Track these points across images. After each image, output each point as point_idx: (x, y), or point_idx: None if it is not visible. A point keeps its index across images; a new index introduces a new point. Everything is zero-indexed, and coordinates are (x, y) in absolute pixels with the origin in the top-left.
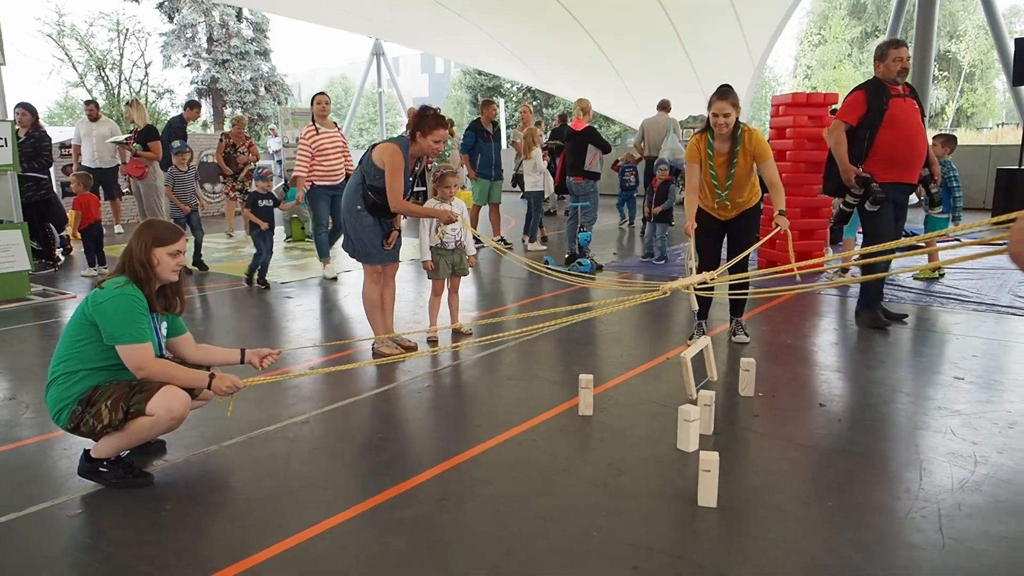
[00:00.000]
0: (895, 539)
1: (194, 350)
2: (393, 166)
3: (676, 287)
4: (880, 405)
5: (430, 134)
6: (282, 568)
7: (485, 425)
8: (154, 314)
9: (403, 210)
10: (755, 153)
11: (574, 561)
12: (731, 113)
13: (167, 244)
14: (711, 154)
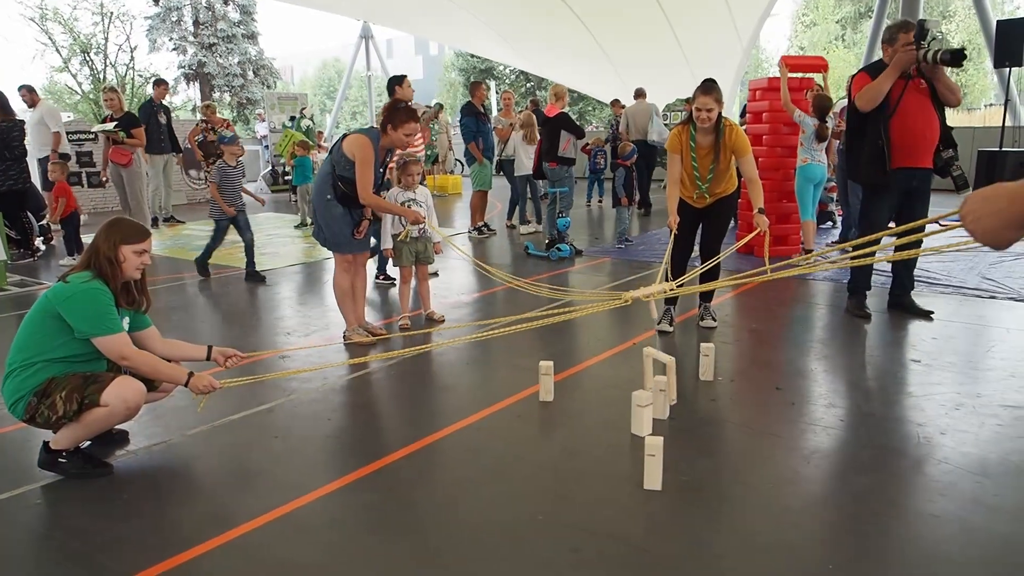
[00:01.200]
0: (826, 517)
1: (161, 344)
2: (363, 159)
3: (638, 296)
4: (834, 388)
5: (401, 127)
6: (232, 555)
7: (446, 412)
8: (118, 308)
9: (372, 204)
10: (735, 148)
11: (516, 544)
12: (714, 108)
13: (134, 243)
14: (693, 146)
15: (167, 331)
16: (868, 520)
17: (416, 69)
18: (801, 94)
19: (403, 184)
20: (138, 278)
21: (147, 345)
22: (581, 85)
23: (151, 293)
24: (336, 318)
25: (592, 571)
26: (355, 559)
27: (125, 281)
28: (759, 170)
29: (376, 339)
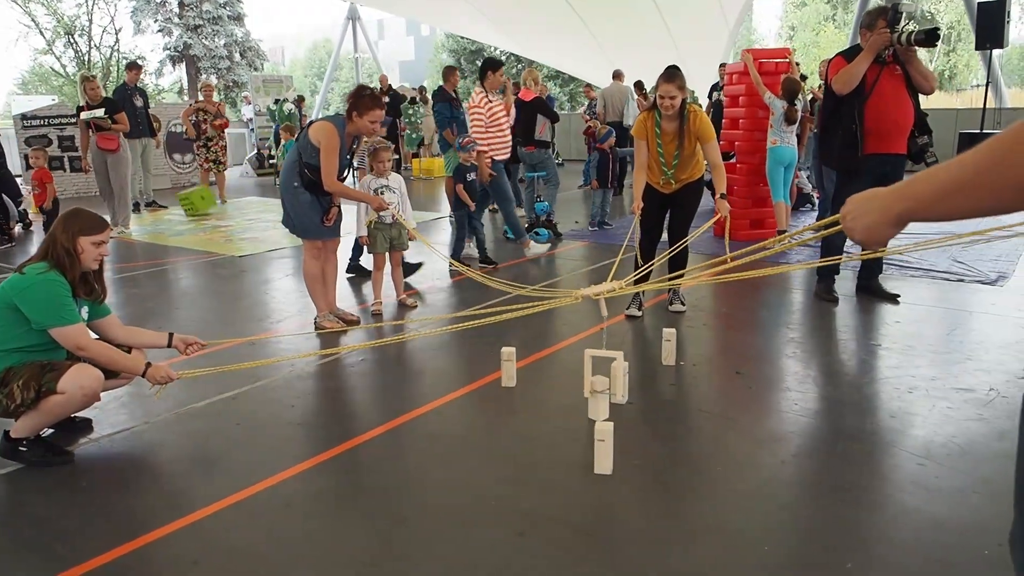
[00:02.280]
0: (768, 500)
1: (121, 331)
2: (328, 146)
3: (587, 294)
4: (793, 372)
5: (366, 114)
6: (184, 541)
7: (410, 398)
8: (76, 299)
9: (336, 191)
10: (699, 134)
11: (463, 529)
12: (676, 95)
13: (92, 234)
14: (659, 132)
15: (141, 317)
16: (809, 503)
17: (407, 50)
18: (778, 78)
19: (375, 171)
20: (96, 269)
21: (107, 333)
22: (570, 67)
23: (131, 279)
24: (311, 303)
25: (534, 555)
26: (303, 543)
27: (83, 272)
28: (739, 153)
29: (347, 325)
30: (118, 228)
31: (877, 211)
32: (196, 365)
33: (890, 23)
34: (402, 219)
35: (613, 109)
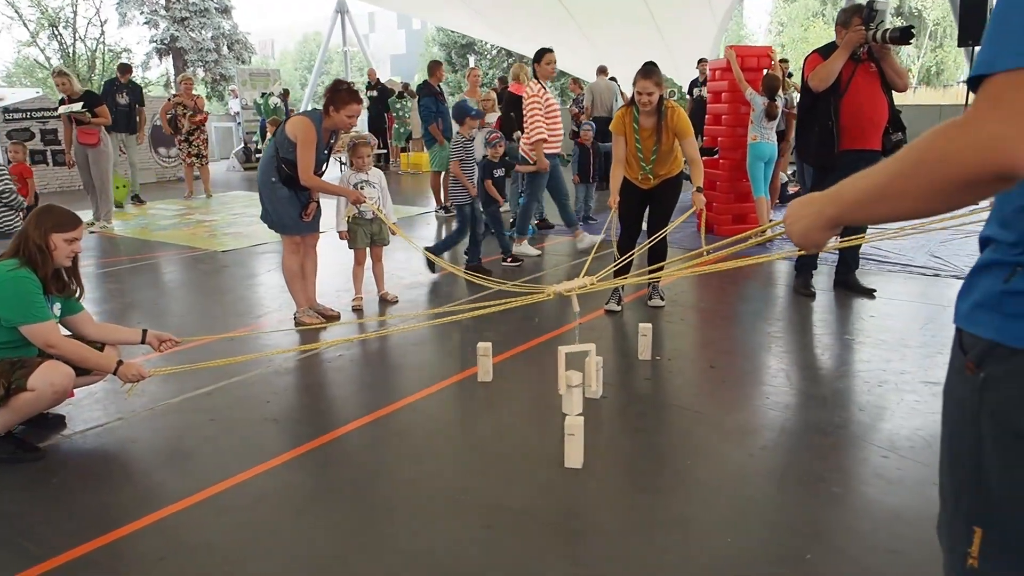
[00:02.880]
0: (732, 493)
1: (94, 328)
2: (305, 140)
3: (560, 291)
4: (765, 366)
5: (343, 108)
6: (152, 537)
7: (386, 393)
8: (48, 295)
9: (313, 185)
10: (676, 130)
11: (431, 522)
12: (654, 92)
13: (65, 230)
14: (636, 128)
15: (121, 313)
16: (774, 496)
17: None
18: (761, 74)
19: (355, 166)
20: (69, 265)
21: (81, 330)
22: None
23: (112, 275)
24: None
25: (499, 547)
26: (269, 538)
27: (56, 268)
28: (722, 149)
29: (327, 320)
30: (100, 223)
31: (811, 215)
32: (172, 361)
33: (865, 21)
34: (382, 214)
35: (601, 104)
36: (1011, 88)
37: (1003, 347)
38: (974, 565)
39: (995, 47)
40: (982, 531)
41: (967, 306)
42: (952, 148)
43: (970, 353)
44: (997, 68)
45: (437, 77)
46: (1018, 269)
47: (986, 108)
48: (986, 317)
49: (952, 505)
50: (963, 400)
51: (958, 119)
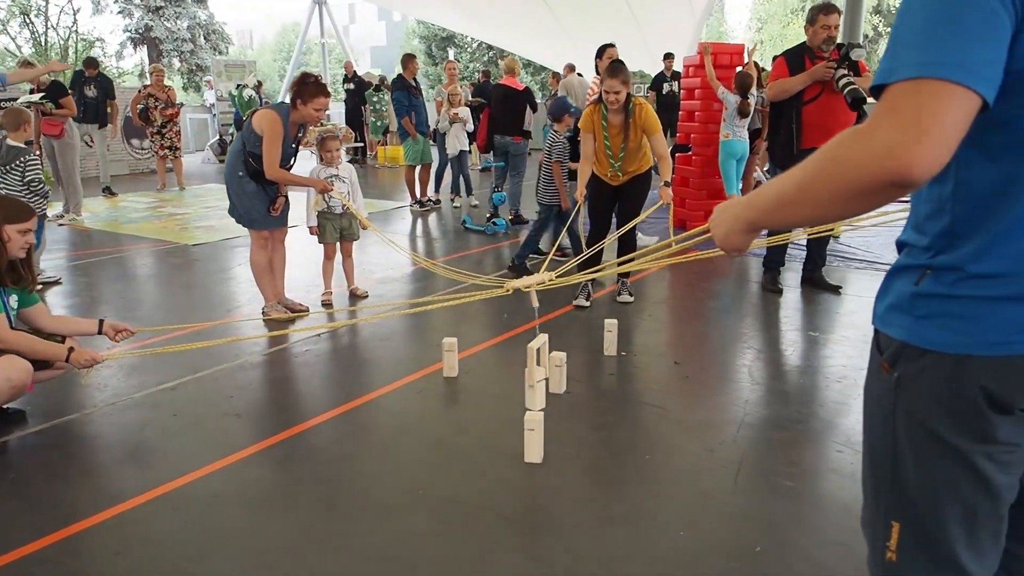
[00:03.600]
0: (688, 487)
1: (50, 320)
2: (271, 134)
3: (518, 286)
4: (729, 362)
5: (310, 102)
6: (109, 533)
7: (351, 389)
8: (3, 288)
9: (279, 178)
10: (644, 127)
11: (389, 516)
12: (621, 90)
13: (18, 222)
14: (605, 125)
15: (88, 307)
16: (729, 490)
17: (379, 36)
18: (733, 71)
19: (324, 160)
20: (23, 257)
21: (37, 322)
22: (539, 56)
23: (80, 268)
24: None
25: (455, 541)
26: (226, 533)
27: (10, 260)
28: (695, 145)
29: (295, 315)
30: (69, 215)
31: (730, 220)
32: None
33: (840, 60)
34: (352, 207)
35: (576, 99)
36: (904, 97)
37: (913, 348)
38: (892, 559)
39: (893, 58)
40: (899, 526)
41: (882, 308)
42: (850, 156)
43: (885, 353)
44: (893, 78)
45: (411, 70)
46: (927, 272)
47: (882, 116)
48: (898, 319)
49: (872, 500)
50: (880, 399)
51: (858, 127)
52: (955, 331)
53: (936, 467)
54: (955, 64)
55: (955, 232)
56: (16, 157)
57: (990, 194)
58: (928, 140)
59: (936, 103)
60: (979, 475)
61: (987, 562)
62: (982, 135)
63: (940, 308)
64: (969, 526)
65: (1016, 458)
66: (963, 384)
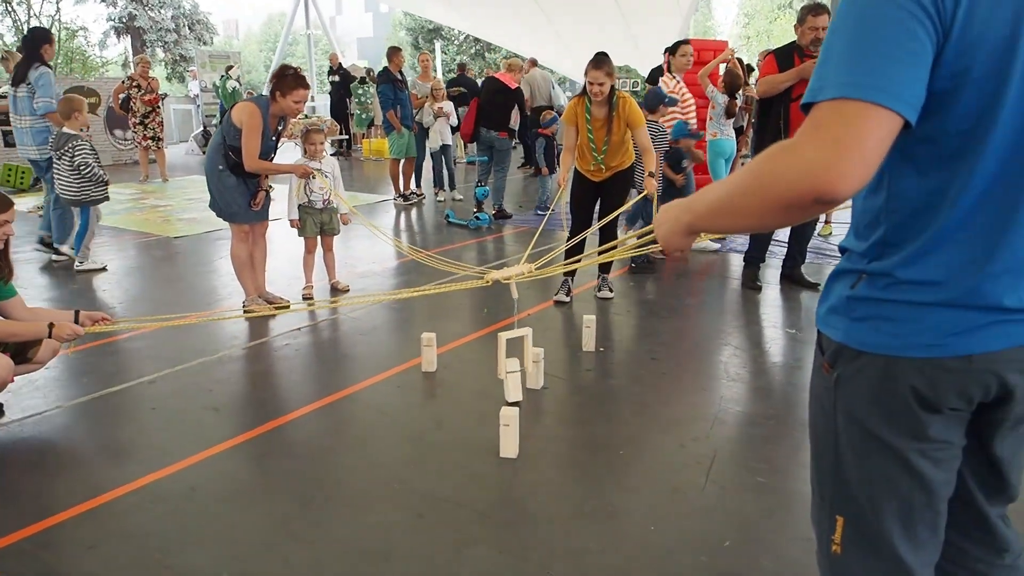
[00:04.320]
0: (661, 483)
1: (26, 312)
2: (250, 126)
3: (497, 277)
4: (706, 358)
5: (289, 94)
6: (84, 526)
7: (329, 383)
8: None
9: (258, 169)
10: (628, 120)
11: (364, 510)
12: (605, 82)
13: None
14: (588, 118)
15: (67, 300)
16: (700, 486)
17: (366, 27)
18: (716, 69)
19: (307, 153)
20: (1, 248)
21: (12, 314)
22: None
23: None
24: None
25: (429, 536)
26: (202, 527)
27: None
28: None
29: (275, 309)
30: None
31: (671, 221)
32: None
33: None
34: (337, 194)
35: (540, 94)
36: (829, 116)
37: (850, 349)
38: (837, 551)
39: (821, 78)
40: (843, 520)
41: (823, 310)
42: (779, 172)
43: (826, 354)
44: (820, 97)
45: (396, 63)
46: (863, 276)
47: (809, 134)
48: (836, 321)
49: (818, 495)
50: (821, 397)
51: (787, 143)
52: (886, 333)
53: (874, 464)
54: (877, 86)
55: (888, 241)
56: (67, 143)
57: (920, 206)
58: (851, 160)
59: (858, 124)
60: (914, 472)
61: (924, 553)
62: (911, 150)
63: (873, 311)
64: (906, 520)
65: (949, 455)
66: (895, 384)
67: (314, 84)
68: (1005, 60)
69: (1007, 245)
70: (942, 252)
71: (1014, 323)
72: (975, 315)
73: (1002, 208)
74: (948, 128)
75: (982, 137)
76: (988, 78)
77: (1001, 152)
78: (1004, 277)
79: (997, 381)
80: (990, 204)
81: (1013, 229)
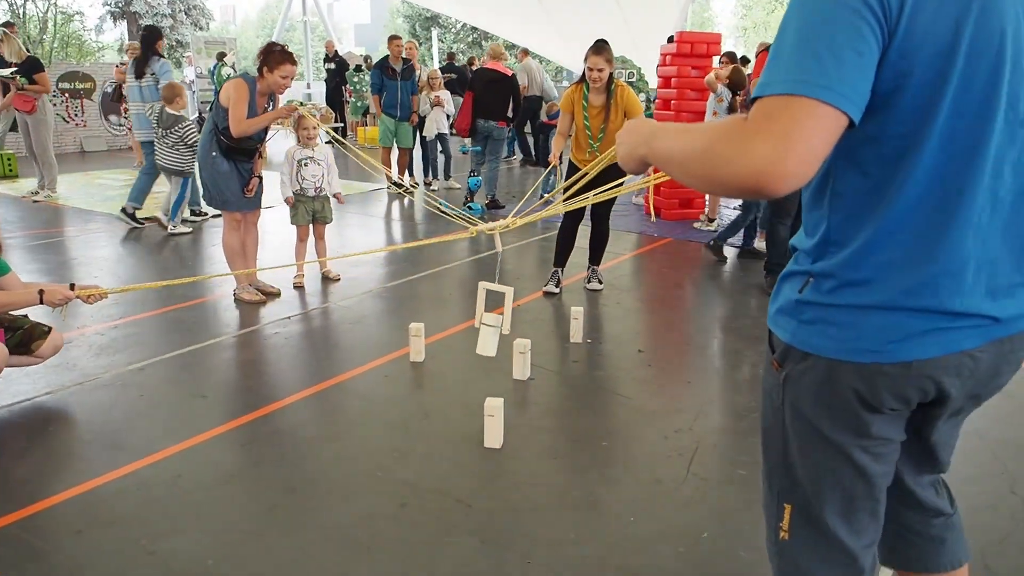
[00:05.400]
0: (642, 474)
1: (21, 287)
2: (236, 97)
3: (483, 229)
4: (692, 351)
5: (277, 69)
6: (71, 512)
7: (318, 371)
8: None
9: (248, 128)
10: (626, 108)
11: (348, 499)
12: (604, 68)
13: None
14: (586, 105)
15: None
16: (681, 477)
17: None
18: (708, 60)
19: (300, 140)
20: None
21: (8, 289)
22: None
23: (52, 245)
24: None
25: (412, 523)
26: (187, 514)
27: None
28: None
29: (266, 297)
30: (44, 192)
31: (629, 144)
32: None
33: None
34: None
35: (536, 84)
36: (778, 111)
37: (796, 350)
38: (785, 538)
39: (770, 72)
40: (791, 508)
41: (773, 309)
42: (727, 155)
43: (776, 352)
44: (768, 91)
45: (393, 51)
46: (810, 280)
47: (759, 124)
48: (785, 321)
49: (767, 484)
50: (771, 392)
51: (742, 127)
52: (831, 337)
53: (819, 457)
54: (824, 85)
55: (831, 240)
56: (175, 123)
57: (861, 205)
58: (795, 156)
59: (805, 121)
60: (856, 466)
61: (865, 537)
62: (854, 150)
63: (819, 315)
64: (847, 508)
65: (889, 450)
66: (838, 386)
67: (310, 72)
68: (945, 65)
69: (945, 248)
70: (882, 252)
71: (951, 330)
72: (915, 321)
73: (940, 210)
74: (890, 129)
75: (921, 139)
76: (928, 81)
77: (939, 154)
78: (943, 279)
79: (934, 385)
80: (928, 206)
81: (951, 232)
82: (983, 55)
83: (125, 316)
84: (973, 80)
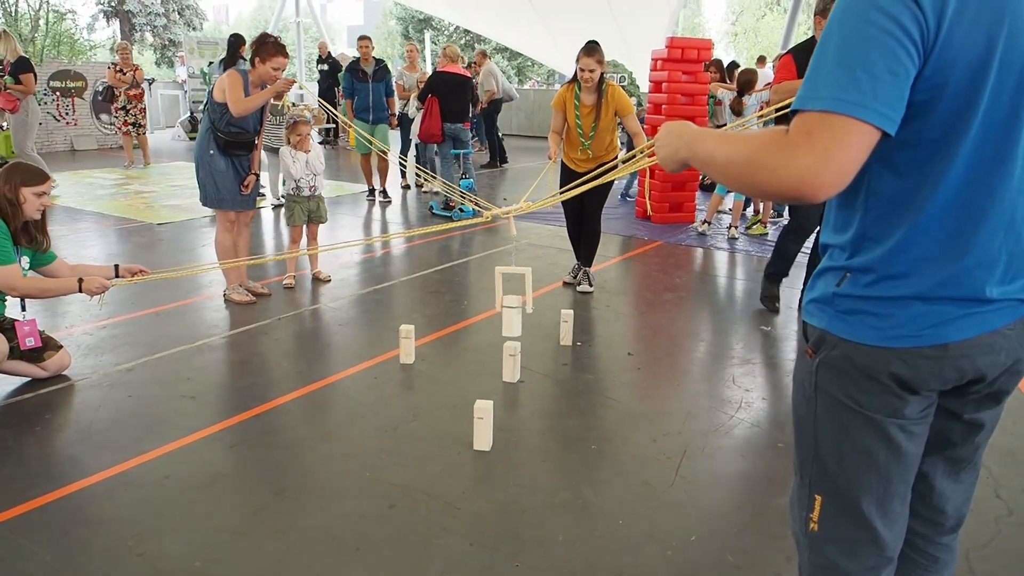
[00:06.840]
0: (631, 476)
1: (69, 271)
2: (231, 85)
3: (498, 213)
4: (681, 354)
5: (269, 60)
6: (57, 512)
7: (308, 373)
8: (17, 247)
9: (249, 105)
10: (617, 107)
11: (336, 500)
12: (595, 69)
13: (34, 185)
14: (577, 104)
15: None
16: (669, 480)
17: (356, 15)
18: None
19: (294, 145)
20: (38, 219)
21: (57, 275)
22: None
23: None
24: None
25: (400, 525)
26: (175, 515)
27: (25, 221)
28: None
29: (256, 298)
30: None
31: (671, 147)
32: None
33: None
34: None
35: (502, 87)
36: (818, 127)
37: (832, 336)
38: (815, 529)
39: (811, 88)
40: (821, 498)
41: (807, 301)
42: (772, 165)
43: (809, 341)
44: (808, 106)
45: (361, 52)
46: (847, 275)
47: (801, 139)
48: (821, 311)
49: (799, 476)
50: (803, 381)
51: (786, 139)
52: (870, 327)
53: (853, 437)
54: (859, 103)
55: (867, 236)
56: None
57: (896, 205)
58: (834, 168)
59: (843, 138)
60: (892, 443)
61: (896, 527)
62: (890, 153)
63: (857, 306)
64: (883, 493)
65: (922, 429)
66: (877, 371)
67: (303, 73)
68: (978, 77)
69: (978, 243)
70: (917, 248)
71: (984, 312)
72: (950, 308)
73: (972, 209)
74: (924, 135)
75: (954, 144)
76: (962, 92)
77: (971, 157)
78: (976, 271)
79: (971, 364)
80: (960, 205)
81: (983, 229)
82: (1013, 66)
83: (113, 316)
84: (1003, 89)
